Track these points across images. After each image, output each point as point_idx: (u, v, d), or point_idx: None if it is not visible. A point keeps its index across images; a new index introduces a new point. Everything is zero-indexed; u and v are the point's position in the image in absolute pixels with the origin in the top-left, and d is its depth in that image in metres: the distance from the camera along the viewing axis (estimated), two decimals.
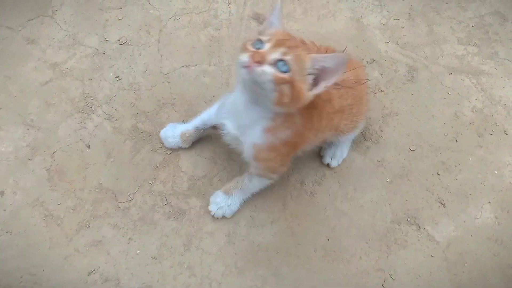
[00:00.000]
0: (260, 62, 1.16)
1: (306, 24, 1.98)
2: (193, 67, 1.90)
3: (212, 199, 1.64)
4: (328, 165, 1.71)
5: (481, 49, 1.94)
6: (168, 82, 1.87)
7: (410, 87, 1.86)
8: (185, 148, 1.74)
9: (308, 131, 1.39)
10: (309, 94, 1.22)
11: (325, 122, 1.42)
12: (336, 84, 1.22)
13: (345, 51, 1.36)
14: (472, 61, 1.91)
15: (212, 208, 1.62)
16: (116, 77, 1.88)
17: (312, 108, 1.31)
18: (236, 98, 1.37)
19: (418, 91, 1.85)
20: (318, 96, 1.24)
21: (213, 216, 1.63)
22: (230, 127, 1.43)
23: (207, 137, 1.76)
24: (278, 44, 1.19)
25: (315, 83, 1.22)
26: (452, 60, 1.91)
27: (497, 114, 1.81)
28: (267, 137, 1.35)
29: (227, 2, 2.04)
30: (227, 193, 1.61)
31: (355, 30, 1.97)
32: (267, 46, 1.19)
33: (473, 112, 1.82)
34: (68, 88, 1.86)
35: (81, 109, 1.82)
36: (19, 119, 1.80)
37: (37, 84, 1.87)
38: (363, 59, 1.90)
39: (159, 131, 1.77)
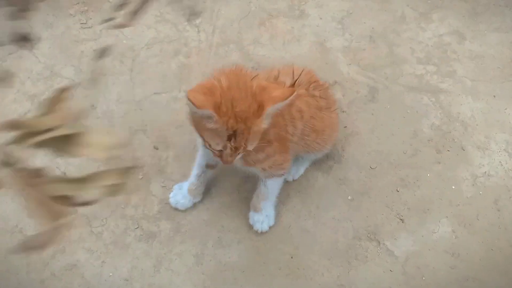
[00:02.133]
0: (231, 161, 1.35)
1: (272, 49, 2.07)
2: (164, 94, 1.99)
3: (252, 221, 1.70)
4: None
5: (439, 68, 2.02)
6: (140, 109, 1.96)
7: (371, 107, 1.94)
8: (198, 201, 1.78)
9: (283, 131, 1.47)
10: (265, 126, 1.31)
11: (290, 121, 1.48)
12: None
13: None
14: (431, 79, 1.99)
15: (258, 226, 1.70)
16: (91, 106, 1.97)
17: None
18: None
19: (379, 110, 1.93)
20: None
21: (261, 232, 1.70)
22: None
23: (177, 161, 1.85)
24: (234, 140, 1.28)
25: None
26: (412, 80, 1.99)
27: (455, 130, 1.89)
28: None
29: (196, 30, 2.13)
30: (256, 210, 1.68)
31: (319, 53, 2.05)
32: (227, 149, 1.31)
33: (431, 129, 1.89)
34: None
35: None
36: None
37: (16, 116, 1.96)
38: (326, 81, 1.98)
39: (131, 157, 1.85)
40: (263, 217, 1.69)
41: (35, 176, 0.73)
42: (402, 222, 1.73)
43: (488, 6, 2.16)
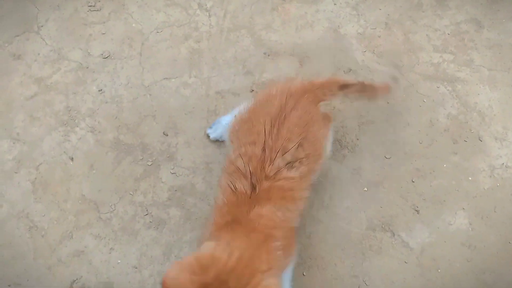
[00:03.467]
0: None
1: (284, 35, 2.02)
2: (173, 79, 1.95)
3: None
4: None
5: (456, 57, 1.97)
6: (150, 95, 1.92)
7: (386, 95, 1.89)
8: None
9: None
10: None
11: None
12: None
13: None
14: (447, 68, 1.94)
15: None
16: (99, 91, 1.93)
17: None
18: None
19: (394, 99, 1.88)
20: None
21: None
22: None
23: (187, 147, 1.81)
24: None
25: None
26: (428, 68, 1.94)
27: (472, 120, 1.84)
28: None
29: (207, 14, 2.08)
30: None
31: (333, 40, 2.00)
32: None
33: (448, 119, 1.85)
34: (52, 102, 1.91)
35: (65, 123, 1.87)
36: (4, 133, 1.85)
37: (22, 99, 1.92)
38: (339, 68, 1.94)
39: (140, 143, 1.82)
40: None
41: None
42: (418, 213, 1.70)
43: None
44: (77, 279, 1.63)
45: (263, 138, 1.33)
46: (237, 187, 1.29)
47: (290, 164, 1.32)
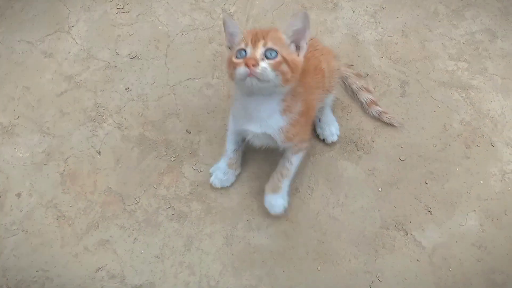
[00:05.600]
0: (255, 64, 1.33)
1: None
2: (197, 80, 2.03)
3: (269, 204, 1.71)
4: (326, 141, 1.87)
5: (471, 65, 2.03)
6: (174, 94, 2.01)
7: (401, 100, 1.96)
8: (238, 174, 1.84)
9: (310, 94, 1.59)
10: (301, 58, 1.45)
11: (315, 83, 1.62)
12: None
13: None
14: (462, 76, 2.01)
15: (277, 210, 1.70)
16: (126, 89, 2.02)
17: (304, 75, 1.51)
18: (244, 104, 1.53)
19: (409, 104, 1.95)
20: (304, 65, 1.47)
21: (278, 214, 1.72)
22: (254, 129, 1.56)
23: (208, 145, 1.89)
24: (255, 41, 1.38)
25: (297, 47, 1.45)
26: (442, 75, 2.01)
27: (485, 126, 1.90)
28: (287, 117, 1.53)
29: None
30: (275, 190, 1.70)
31: (351, 46, 2.08)
32: (249, 49, 1.37)
33: (461, 124, 1.91)
34: (81, 98, 2.00)
35: (93, 118, 1.96)
36: (36, 127, 1.95)
37: (53, 95, 2.02)
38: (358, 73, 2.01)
39: (164, 139, 1.90)
40: (281, 199, 1.70)
41: None
42: (430, 214, 1.76)
43: None
44: (102, 267, 1.70)
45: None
46: None
47: None
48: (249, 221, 1.76)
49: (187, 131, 1.93)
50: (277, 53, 1.37)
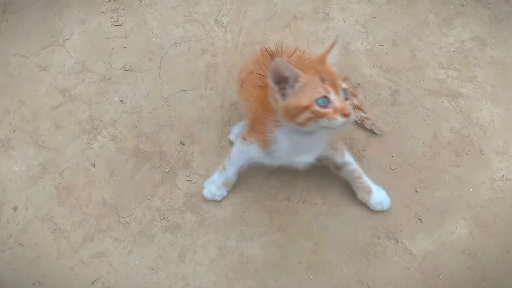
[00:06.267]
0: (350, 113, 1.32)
1: None
2: (190, 91, 2.06)
3: (378, 202, 1.78)
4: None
5: (460, 73, 2.06)
6: (168, 105, 2.03)
7: (392, 109, 1.98)
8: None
9: None
10: None
11: None
12: None
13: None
14: (451, 84, 2.03)
15: (386, 201, 1.79)
16: (120, 101, 2.05)
17: None
18: (294, 141, 1.49)
19: (400, 113, 1.98)
20: None
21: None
22: (306, 159, 1.57)
23: (202, 156, 1.91)
24: (335, 87, 1.33)
25: None
26: (433, 84, 2.03)
27: (474, 134, 1.92)
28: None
29: (223, 30, 2.19)
30: (369, 192, 1.76)
31: (342, 55, 2.10)
32: (334, 97, 1.32)
33: (451, 132, 1.93)
34: (76, 111, 2.03)
35: (88, 131, 1.99)
36: (31, 140, 1.97)
37: (48, 108, 2.04)
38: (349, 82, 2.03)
39: (158, 151, 1.93)
40: (381, 192, 1.78)
41: None
42: (421, 222, 1.78)
43: (510, 14, 2.19)
44: (97, 279, 1.73)
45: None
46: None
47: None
48: (242, 232, 1.78)
49: (180, 142, 1.95)
50: (348, 91, 1.36)
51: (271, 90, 1.37)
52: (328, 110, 1.31)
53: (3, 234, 1.81)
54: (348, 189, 1.83)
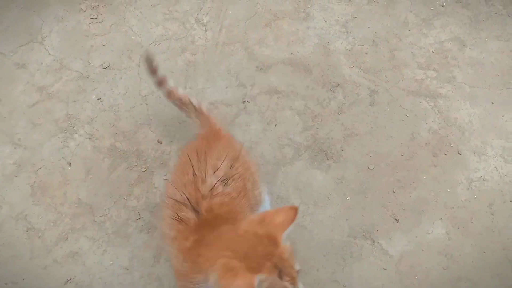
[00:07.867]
0: None
1: (276, 50, 2.12)
2: None
3: None
4: None
5: (439, 73, 2.06)
6: (146, 104, 2.01)
7: (370, 109, 1.98)
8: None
9: None
10: None
11: None
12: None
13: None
14: (430, 84, 2.03)
15: None
16: (98, 99, 2.03)
17: None
18: None
19: (378, 113, 1.97)
20: None
21: None
22: None
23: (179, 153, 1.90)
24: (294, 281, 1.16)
25: None
26: (411, 84, 2.04)
27: (452, 135, 1.93)
28: None
29: (204, 29, 2.18)
30: None
31: (322, 55, 2.10)
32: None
33: (429, 133, 1.93)
34: (53, 109, 2.01)
35: (65, 129, 1.96)
36: (7, 138, 1.95)
37: (25, 106, 2.02)
38: (327, 83, 2.03)
39: (135, 150, 1.91)
40: None
41: None
42: (397, 222, 1.77)
43: (489, 14, 2.20)
44: (70, 279, 1.71)
45: (191, 165, 1.31)
46: (181, 216, 1.24)
47: (224, 181, 1.30)
48: None
49: (158, 141, 1.94)
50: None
51: None
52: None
53: None
54: (325, 189, 1.83)
